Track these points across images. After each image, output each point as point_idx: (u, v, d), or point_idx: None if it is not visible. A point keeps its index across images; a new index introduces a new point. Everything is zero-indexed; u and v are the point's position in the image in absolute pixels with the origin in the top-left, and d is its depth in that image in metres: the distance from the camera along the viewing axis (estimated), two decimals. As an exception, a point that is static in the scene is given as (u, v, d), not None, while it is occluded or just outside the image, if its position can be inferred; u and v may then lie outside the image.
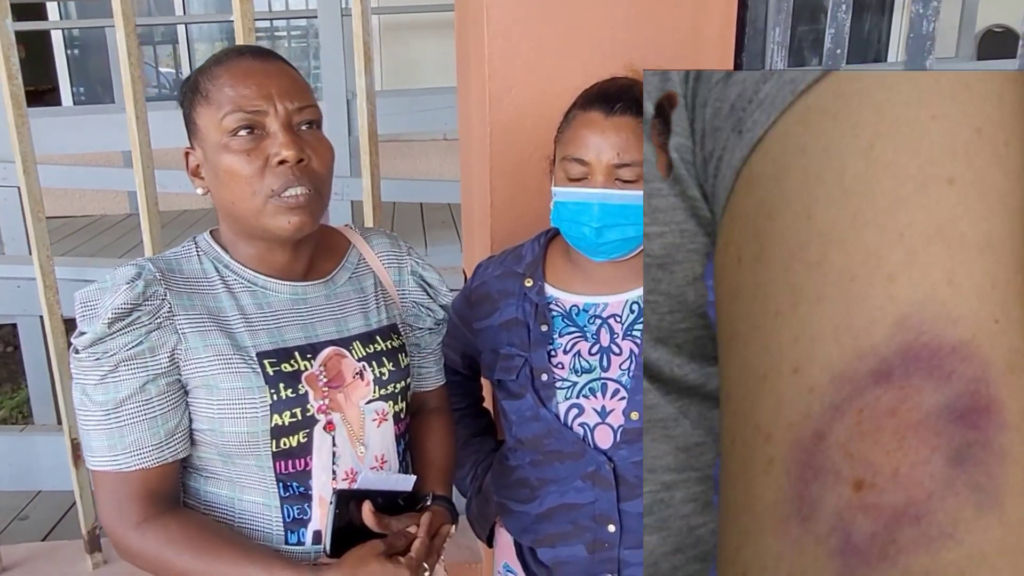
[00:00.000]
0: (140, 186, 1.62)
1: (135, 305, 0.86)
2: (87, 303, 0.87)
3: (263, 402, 0.88)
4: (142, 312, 0.86)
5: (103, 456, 0.86)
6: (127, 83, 1.55)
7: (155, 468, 0.87)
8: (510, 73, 1.39)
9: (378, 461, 0.98)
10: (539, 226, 1.25)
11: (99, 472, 0.87)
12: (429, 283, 1.09)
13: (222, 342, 0.89)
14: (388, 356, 1.00)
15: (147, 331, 0.86)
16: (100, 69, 5.96)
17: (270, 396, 0.89)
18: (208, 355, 0.88)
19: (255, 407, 0.88)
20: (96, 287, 0.87)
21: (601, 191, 1.04)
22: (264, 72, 0.89)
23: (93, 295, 0.87)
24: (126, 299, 0.85)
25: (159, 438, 0.87)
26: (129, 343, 0.85)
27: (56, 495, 2.68)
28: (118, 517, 0.87)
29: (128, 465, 0.86)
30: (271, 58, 0.91)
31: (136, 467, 0.86)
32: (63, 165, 4.10)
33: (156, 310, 0.87)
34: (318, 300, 0.98)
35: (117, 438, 0.86)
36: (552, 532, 1.14)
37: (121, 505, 0.87)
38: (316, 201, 0.90)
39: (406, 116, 3.86)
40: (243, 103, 0.87)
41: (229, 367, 0.88)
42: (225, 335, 0.90)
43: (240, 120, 0.87)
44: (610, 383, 1.09)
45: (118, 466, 0.86)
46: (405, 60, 5.54)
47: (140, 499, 0.87)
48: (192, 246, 0.96)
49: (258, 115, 0.87)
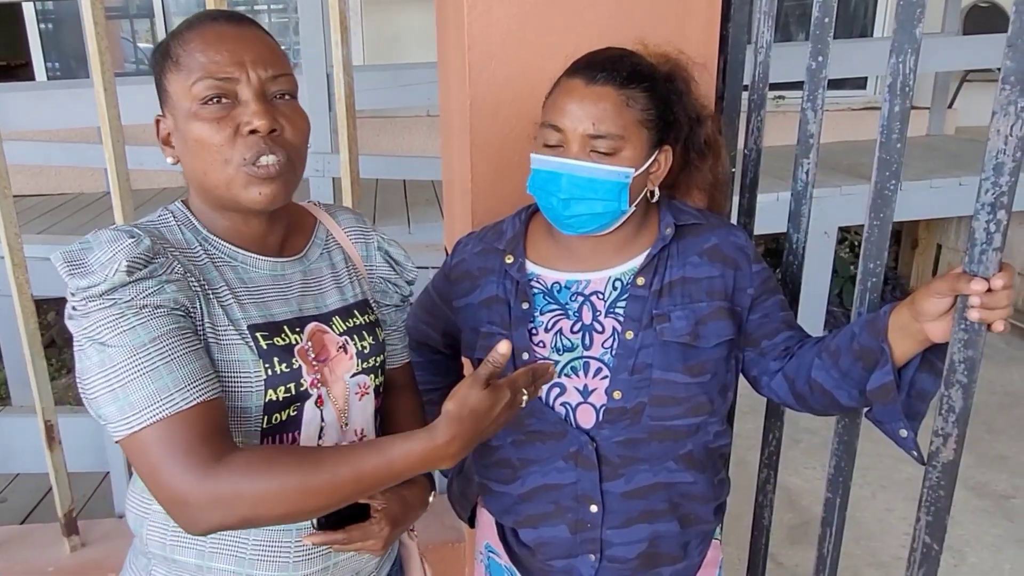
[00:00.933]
0: (110, 160, 1.57)
1: (149, 258, 0.80)
2: (74, 260, 0.79)
3: (258, 377, 0.86)
4: (157, 264, 0.81)
5: (151, 406, 0.75)
6: (94, 53, 1.49)
7: (213, 400, 0.79)
8: (490, 44, 1.35)
9: (358, 435, 0.97)
10: (521, 202, 1.22)
11: (146, 430, 0.75)
12: (395, 259, 1.08)
13: (217, 312, 0.86)
14: (367, 330, 0.99)
15: (166, 280, 0.81)
16: (74, 43, 5.81)
17: (265, 371, 0.86)
18: (206, 323, 0.85)
19: (250, 382, 0.85)
20: (79, 246, 0.81)
21: (571, 162, 1.01)
22: (237, 38, 0.85)
23: (78, 253, 0.80)
24: (139, 250, 0.79)
25: (208, 369, 0.80)
26: (151, 288, 0.79)
27: (36, 477, 2.64)
28: (192, 462, 0.74)
29: (187, 401, 0.76)
30: (246, 23, 0.88)
31: (195, 401, 0.77)
32: (37, 141, 4.00)
33: (170, 265, 0.83)
34: (295, 276, 0.96)
35: (167, 377, 0.76)
36: (534, 513, 1.12)
37: (191, 448, 0.75)
38: (289, 172, 0.87)
39: (389, 91, 3.79)
40: (214, 70, 0.83)
41: (224, 339, 0.85)
42: (219, 306, 0.86)
43: (210, 87, 0.83)
44: (592, 362, 1.07)
45: (176, 406, 0.76)
46: (388, 34, 5.44)
47: (212, 434, 0.77)
48: (168, 216, 0.92)
49: (229, 82, 0.84)
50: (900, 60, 1.03)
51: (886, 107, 1.06)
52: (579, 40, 1.21)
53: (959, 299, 0.93)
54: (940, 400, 0.98)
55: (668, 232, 1.09)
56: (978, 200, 0.90)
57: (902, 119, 1.05)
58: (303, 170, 0.91)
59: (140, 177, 4.42)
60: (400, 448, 0.78)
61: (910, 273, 5.25)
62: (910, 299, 0.98)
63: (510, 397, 0.82)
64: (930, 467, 1.00)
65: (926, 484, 1.01)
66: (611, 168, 1.02)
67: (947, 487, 1.00)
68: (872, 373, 1.01)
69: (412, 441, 0.79)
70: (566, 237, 1.10)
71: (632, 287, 1.08)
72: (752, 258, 1.12)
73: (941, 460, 0.99)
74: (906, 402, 1.03)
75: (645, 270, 1.08)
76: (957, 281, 0.92)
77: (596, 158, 1.02)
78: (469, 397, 0.80)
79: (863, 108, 5.70)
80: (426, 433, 0.79)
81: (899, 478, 3.01)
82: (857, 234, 5.34)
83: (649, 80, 1.05)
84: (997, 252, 0.90)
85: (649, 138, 1.05)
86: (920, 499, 1.02)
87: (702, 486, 1.11)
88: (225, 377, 0.84)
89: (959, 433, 0.97)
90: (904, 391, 1.02)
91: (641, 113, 1.03)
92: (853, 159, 4.45)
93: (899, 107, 1.05)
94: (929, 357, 1.01)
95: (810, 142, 1.26)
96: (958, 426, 0.97)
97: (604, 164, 1.02)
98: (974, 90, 5.54)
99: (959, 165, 4.33)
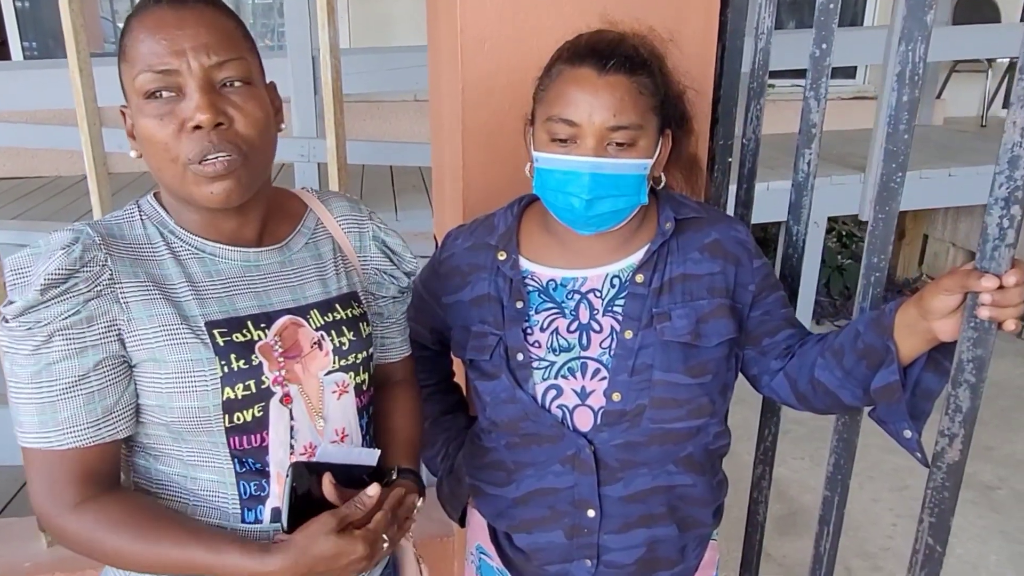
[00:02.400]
0: (86, 144, 1.51)
1: (72, 271, 0.78)
2: (18, 270, 0.79)
3: (213, 374, 0.82)
4: (79, 279, 0.78)
5: (34, 432, 0.79)
6: (68, 31, 1.43)
7: (92, 447, 0.80)
8: (484, 25, 1.30)
9: (338, 435, 0.93)
10: (515, 191, 1.18)
11: (30, 449, 0.80)
12: (392, 249, 1.02)
13: (167, 311, 0.82)
14: (348, 325, 0.94)
15: (84, 300, 0.78)
16: (52, 22, 5.67)
17: (220, 368, 0.82)
18: (153, 326, 0.81)
19: (204, 379, 0.82)
20: (28, 252, 0.80)
21: (594, 159, 0.96)
22: (177, 23, 0.78)
23: (24, 261, 0.79)
24: (61, 264, 0.77)
25: (96, 415, 0.80)
26: (64, 312, 0.78)
27: (12, 469, 2.58)
28: (51, 498, 0.80)
29: (61, 443, 0.79)
30: (188, 4, 0.79)
31: (70, 446, 0.79)
32: (13, 123, 3.89)
33: (95, 277, 0.79)
34: (272, 267, 0.91)
35: (49, 414, 0.78)
36: (529, 517, 1.08)
37: (54, 486, 0.80)
38: (243, 167, 0.81)
39: (376, 75, 3.71)
40: (154, 61, 0.77)
41: (175, 338, 0.82)
42: (171, 304, 0.83)
43: (151, 81, 0.78)
44: (590, 362, 1.03)
45: (50, 444, 0.79)
46: (375, 16, 5.34)
47: (75, 480, 0.80)
48: (135, 210, 0.89)
49: (170, 75, 0.78)
50: (909, 48, 1.00)
51: (894, 96, 1.02)
52: (575, 23, 1.16)
53: (969, 296, 0.90)
54: (947, 400, 0.95)
55: (668, 227, 1.06)
56: (991, 194, 0.87)
57: (910, 109, 1.02)
58: (265, 160, 0.86)
59: (120, 161, 4.32)
60: (230, 557, 0.80)
61: (896, 264, 5.26)
62: (917, 296, 0.94)
63: (364, 551, 0.82)
64: (935, 468, 0.98)
65: (930, 485, 0.99)
66: (633, 161, 0.98)
67: (952, 488, 0.97)
68: (877, 372, 0.98)
69: (245, 556, 0.80)
70: (563, 232, 1.05)
71: (631, 284, 1.04)
72: (753, 253, 1.08)
73: (946, 461, 0.97)
74: (910, 401, 1.00)
75: (644, 267, 1.05)
76: (967, 278, 0.88)
77: (615, 151, 0.97)
78: (317, 540, 0.80)
79: (853, 97, 5.69)
80: (261, 554, 0.80)
81: (886, 468, 3.02)
82: (845, 223, 5.34)
83: (649, 63, 1.01)
84: (1010, 248, 0.87)
85: (657, 125, 1.01)
86: (924, 500, 1.00)
87: (701, 489, 1.08)
88: (178, 376, 0.82)
89: (966, 433, 0.95)
90: (908, 390, 1.00)
91: (651, 99, 0.99)
92: (842, 149, 4.43)
93: (907, 96, 1.01)
94: (935, 355, 0.99)
95: (812, 132, 1.22)
96: (965, 426, 0.94)
97: (626, 158, 0.97)
98: (962, 80, 5.54)
99: (947, 156, 4.33)
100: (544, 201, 1.04)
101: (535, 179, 1.03)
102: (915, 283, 5.12)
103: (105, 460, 0.82)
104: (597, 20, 1.14)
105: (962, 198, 4.24)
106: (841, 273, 4.90)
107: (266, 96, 0.85)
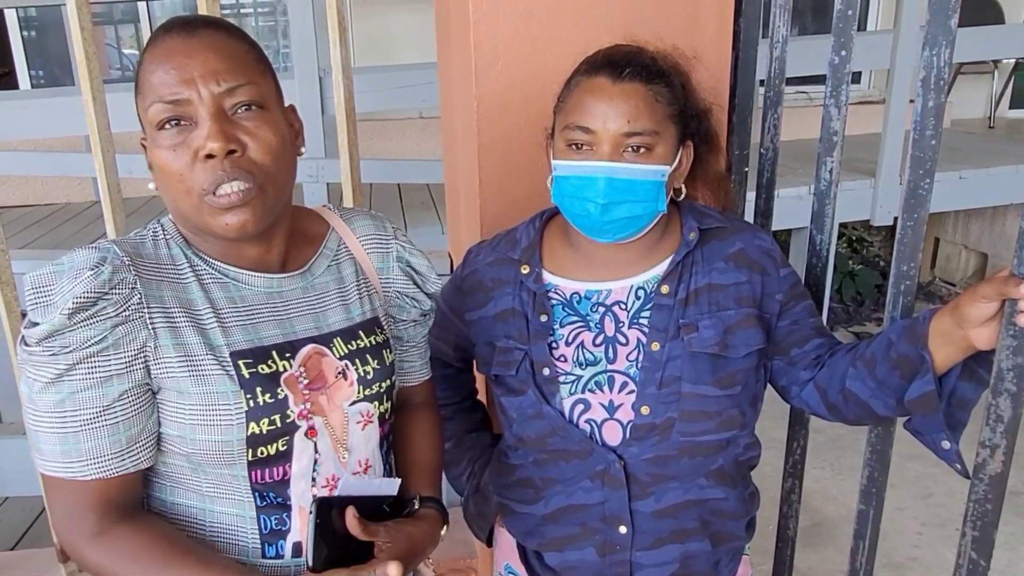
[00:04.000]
0: (100, 171, 1.51)
1: (100, 294, 0.75)
2: (39, 288, 0.76)
3: (239, 408, 0.79)
4: (107, 302, 0.76)
5: (55, 461, 0.77)
6: (81, 60, 1.43)
7: (114, 478, 0.78)
8: (497, 42, 1.29)
9: (361, 466, 0.90)
10: (531, 207, 1.17)
11: (51, 477, 0.78)
12: (416, 269, 1.00)
13: (194, 340, 0.80)
14: (372, 353, 0.91)
15: (112, 324, 0.76)
16: (59, 50, 5.72)
17: (246, 402, 0.80)
18: (179, 355, 0.79)
19: (230, 414, 0.79)
20: (50, 269, 0.76)
21: (608, 164, 0.96)
22: (186, 51, 0.77)
23: (46, 279, 0.76)
24: (89, 287, 0.75)
25: (120, 446, 0.78)
26: (91, 338, 0.75)
27: (27, 499, 2.57)
28: (72, 527, 0.78)
29: (84, 474, 0.77)
30: (199, 31, 0.78)
31: (93, 477, 0.77)
32: (22, 151, 3.92)
33: (124, 300, 0.77)
34: (294, 293, 0.88)
35: (72, 444, 0.76)
36: (559, 535, 1.06)
37: (75, 515, 0.78)
38: (258, 196, 0.79)
39: (381, 93, 3.72)
40: (164, 92, 0.76)
41: (201, 369, 0.79)
42: (197, 332, 0.80)
43: (162, 112, 0.77)
44: (617, 376, 1.02)
45: (72, 474, 0.77)
46: (378, 36, 5.37)
47: (96, 510, 0.78)
48: (158, 228, 0.86)
49: (180, 104, 0.77)
50: (934, 53, 0.98)
51: (919, 102, 1.01)
52: (588, 38, 1.16)
53: (1007, 304, 0.88)
54: (987, 409, 0.93)
55: (692, 237, 1.04)
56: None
57: (936, 114, 1.00)
58: (282, 186, 0.83)
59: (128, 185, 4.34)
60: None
61: (908, 267, 5.22)
62: (953, 304, 0.93)
63: None
64: (976, 480, 0.96)
65: (972, 498, 0.96)
66: (649, 167, 0.97)
67: (995, 501, 0.95)
68: (911, 382, 0.96)
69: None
70: (586, 244, 1.04)
71: (656, 296, 1.03)
72: (779, 262, 1.07)
73: (988, 473, 0.94)
74: (946, 411, 0.98)
75: (669, 278, 1.03)
76: (1005, 284, 0.87)
77: (631, 158, 0.97)
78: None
79: (858, 102, 5.67)
80: None
81: (908, 476, 2.97)
82: (855, 228, 5.32)
83: (668, 74, 1.01)
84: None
85: (675, 134, 1.01)
86: (965, 514, 0.97)
87: (733, 502, 1.06)
88: (202, 409, 0.79)
89: (1008, 444, 0.92)
90: (944, 400, 0.98)
91: (668, 108, 0.99)
92: (849, 154, 4.39)
93: (933, 102, 1.00)
94: (970, 364, 0.97)
95: (834, 139, 1.21)
96: (1007, 437, 0.92)
97: (642, 163, 0.97)
98: (967, 82, 5.53)
99: (957, 159, 4.31)
100: (562, 209, 1.04)
101: (553, 187, 1.03)
102: (928, 286, 5.09)
103: (126, 489, 0.81)
104: (608, 35, 1.14)
105: (973, 200, 4.21)
106: (852, 279, 4.87)
107: (281, 120, 0.83)
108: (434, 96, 1.86)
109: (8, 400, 3.89)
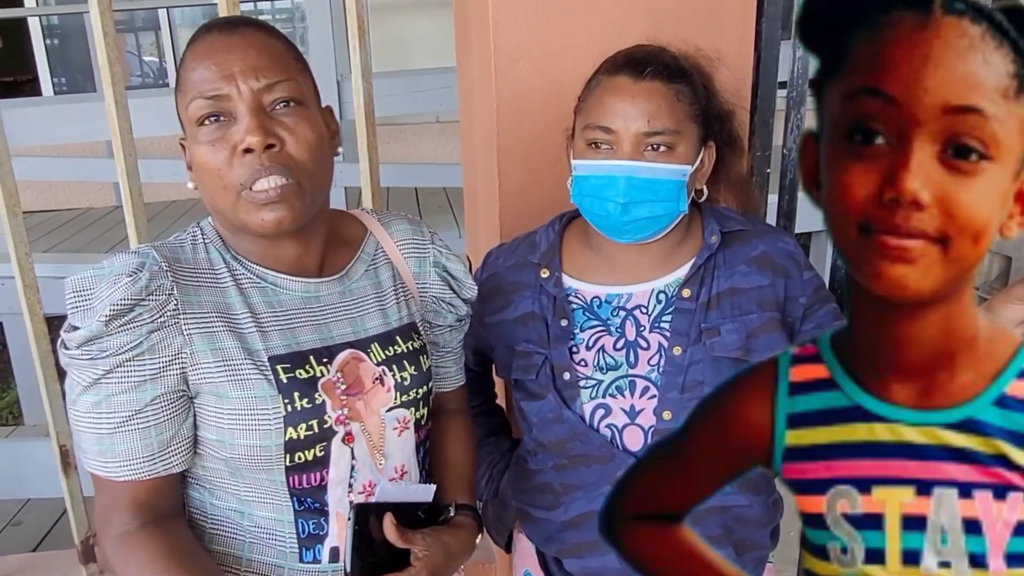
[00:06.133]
0: (122, 176, 1.51)
1: (137, 300, 0.76)
2: (80, 292, 0.77)
3: (276, 413, 0.80)
4: (144, 308, 0.77)
5: (95, 459, 0.80)
6: (104, 65, 1.44)
7: (146, 481, 0.80)
8: (517, 44, 1.29)
9: (398, 472, 0.90)
10: (552, 210, 1.16)
11: (93, 474, 0.81)
12: (453, 275, 0.98)
13: (231, 345, 0.80)
14: (409, 359, 0.90)
15: (148, 330, 0.77)
16: (80, 57, 5.81)
17: (284, 407, 0.80)
18: (216, 360, 0.80)
19: (268, 419, 0.80)
20: (91, 274, 0.77)
21: (628, 163, 0.95)
22: (227, 48, 0.78)
23: (87, 283, 0.77)
24: (127, 293, 0.75)
25: (152, 450, 0.79)
26: (127, 344, 0.76)
27: (49, 501, 2.59)
28: (103, 523, 0.81)
29: (116, 475, 0.79)
30: (239, 30, 0.79)
31: (124, 479, 0.79)
32: (45, 157, 3.97)
33: (161, 307, 0.78)
34: (332, 298, 0.88)
35: (107, 445, 0.78)
36: (580, 541, 1.05)
37: (108, 512, 0.81)
38: (296, 192, 0.79)
39: (398, 98, 3.75)
40: (204, 88, 0.77)
41: (238, 374, 0.80)
42: (235, 337, 0.81)
43: (202, 108, 0.77)
44: (639, 380, 1.01)
45: (107, 473, 0.79)
46: (394, 40, 5.41)
47: (125, 510, 0.80)
48: (197, 232, 0.87)
49: (220, 100, 0.77)
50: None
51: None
52: (609, 40, 1.15)
53: (1039, 306, 0.86)
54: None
55: (714, 240, 1.03)
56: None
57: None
58: (320, 185, 0.83)
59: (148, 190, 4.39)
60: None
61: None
62: (985, 306, 0.90)
63: None
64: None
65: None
66: (670, 167, 0.97)
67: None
68: None
69: None
70: (607, 246, 1.03)
71: (678, 299, 1.02)
72: (803, 265, 1.05)
73: (1019, 479, 0.92)
74: None
75: (691, 281, 1.02)
76: None
77: (652, 157, 0.96)
78: None
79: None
80: None
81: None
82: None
83: (690, 74, 1.01)
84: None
85: (697, 134, 1.00)
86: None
87: (757, 509, 1.05)
88: (241, 413, 0.80)
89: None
90: None
91: (689, 107, 0.98)
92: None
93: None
94: None
95: (858, 141, 1.19)
96: (1039, 443, 0.90)
97: (663, 163, 0.96)
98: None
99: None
100: (581, 210, 1.03)
101: (572, 188, 1.02)
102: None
103: (159, 492, 0.81)
104: (627, 37, 1.13)
105: (997, 203, 4.16)
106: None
107: (320, 118, 0.83)
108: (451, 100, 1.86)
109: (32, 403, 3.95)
